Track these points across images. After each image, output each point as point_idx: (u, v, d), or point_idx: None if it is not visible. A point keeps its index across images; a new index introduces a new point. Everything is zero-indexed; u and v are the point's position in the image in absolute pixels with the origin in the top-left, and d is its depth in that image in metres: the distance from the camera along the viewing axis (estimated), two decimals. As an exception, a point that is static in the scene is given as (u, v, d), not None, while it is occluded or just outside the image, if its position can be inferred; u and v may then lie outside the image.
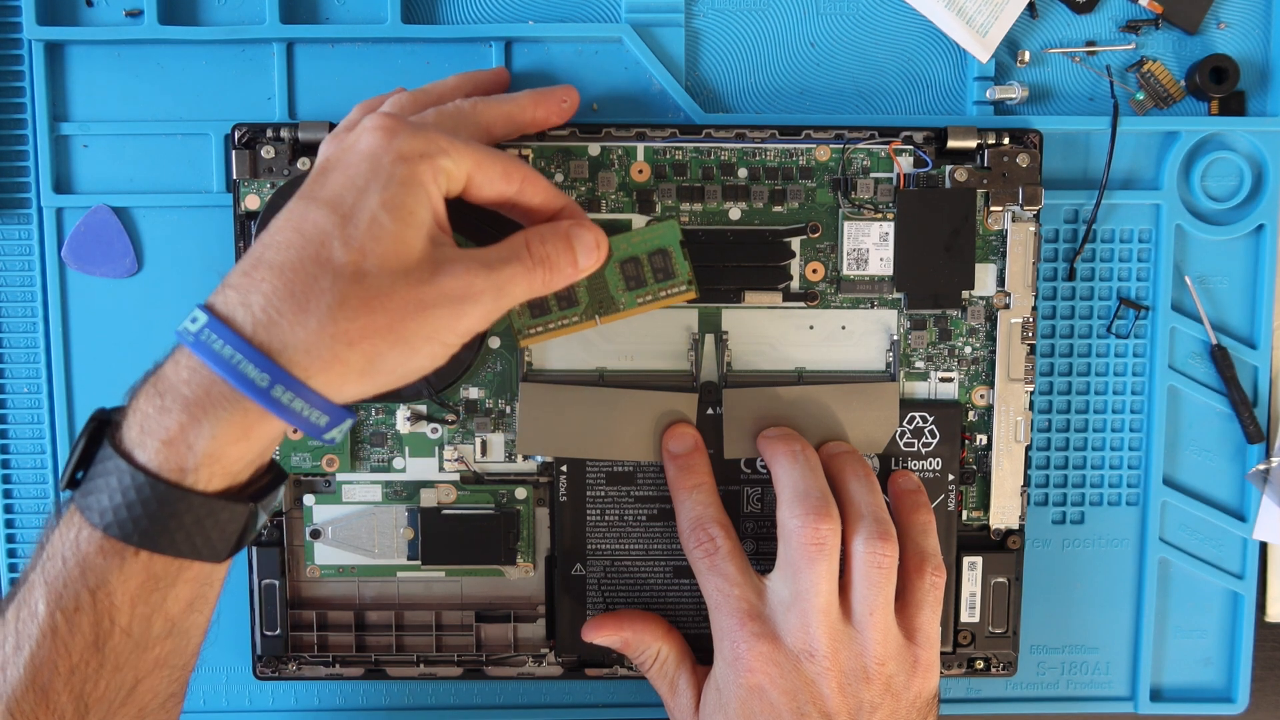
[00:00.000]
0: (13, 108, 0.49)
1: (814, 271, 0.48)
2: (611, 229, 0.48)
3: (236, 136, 0.47)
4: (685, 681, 0.46)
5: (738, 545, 0.44)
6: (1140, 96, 0.50)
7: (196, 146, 0.49)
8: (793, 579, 0.42)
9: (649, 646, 0.46)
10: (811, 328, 0.48)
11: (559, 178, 0.47)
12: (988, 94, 0.49)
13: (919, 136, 0.48)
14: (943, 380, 0.49)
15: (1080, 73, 0.50)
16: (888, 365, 0.48)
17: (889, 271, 0.48)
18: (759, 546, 0.48)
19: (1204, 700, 0.53)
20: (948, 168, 0.47)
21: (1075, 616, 0.52)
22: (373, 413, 0.48)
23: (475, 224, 0.44)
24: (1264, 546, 0.52)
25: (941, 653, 0.49)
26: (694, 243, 0.47)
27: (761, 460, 0.48)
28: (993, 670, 0.50)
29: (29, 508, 0.51)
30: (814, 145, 0.48)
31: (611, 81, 0.50)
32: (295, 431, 0.47)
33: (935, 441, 0.48)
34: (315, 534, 0.49)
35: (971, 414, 0.49)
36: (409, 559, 0.49)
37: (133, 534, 0.35)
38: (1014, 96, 0.49)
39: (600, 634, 0.47)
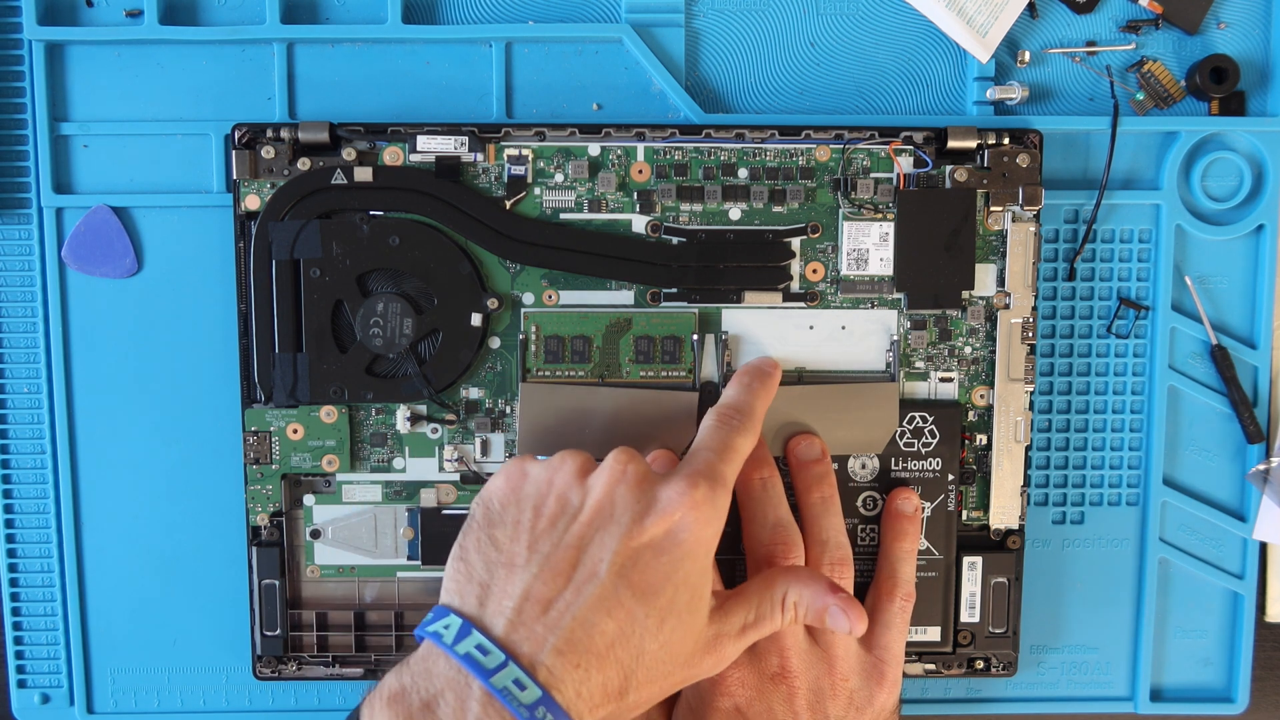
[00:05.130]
0: (13, 108, 0.49)
1: (814, 271, 0.48)
2: (613, 228, 0.48)
3: (236, 136, 0.47)
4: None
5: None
6: (1140, 96, 0.50)
7: (196, 146, 0.49)
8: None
9: None
10: (811, 328, 0.48)
11: (559, 178, 0.47)
12: (988, 94, 0.49)
13: (919, 136, 0.48)
14: (943, 380, 0.49)
15: (1080, 73, 0.50)
16: (888, 365, 0.48)
17: (889, 271, 0.48)
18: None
19: (1204, 700, 0.53)
20: (948, 168, 0.47)
21: (1075, 616, 0.52)
22: (372, 413, 0.48)
23: None
24: (1264, 546, 0.52)
25: (941, 653, 0.49)
26: (694, 242, 0.47)
27: None
28: (993, 670, 0.50)
29: (29, 508, 0.51)
30: (814, 145, 0.48)
31: (611, 81, 0.50)
32: (295, 431, 0.48)
33: (935, 441, 0.48)
34: (315, 534, 0.49)
35: (971, 414, 0.49)
36: (409, 559, 0.49)
37: None
38: (1014, 96, 0.49)
39: None
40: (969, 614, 0.49)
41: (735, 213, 0.48)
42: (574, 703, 0.36)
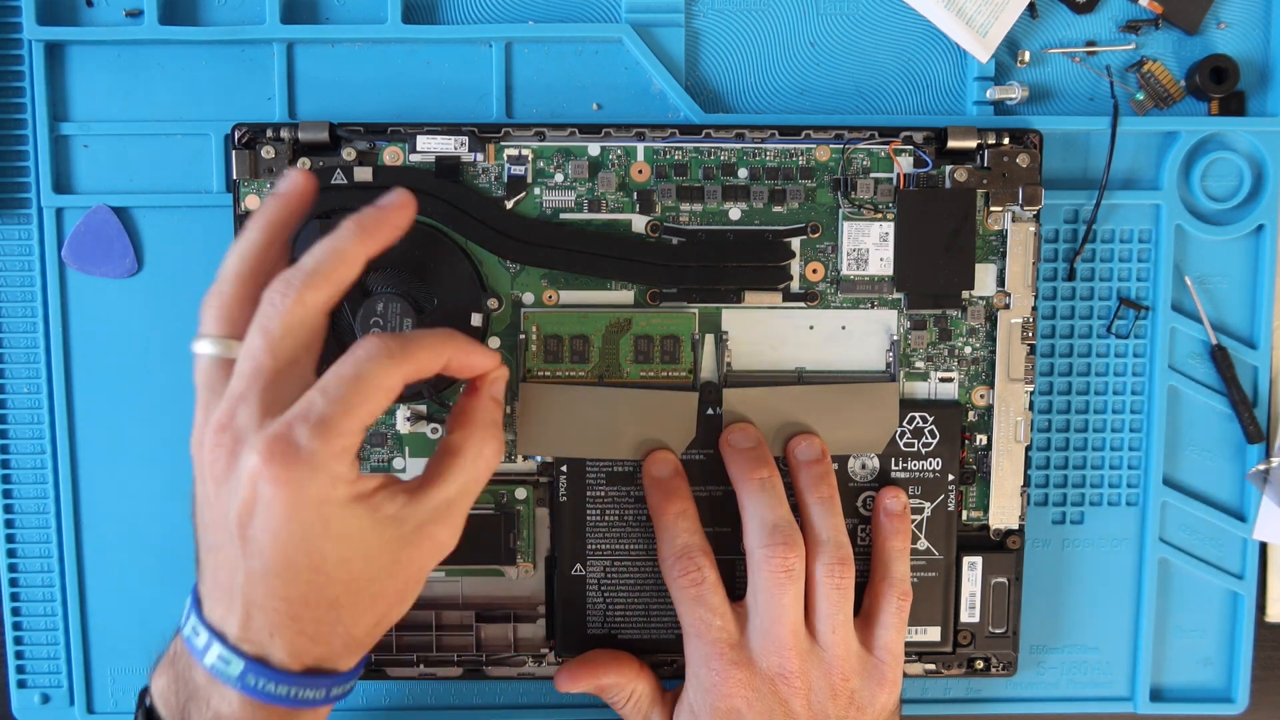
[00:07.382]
0: (13, 108, 0.49)
1: (814, 271, 0.48)
2: (613, 228, 0.48)
3: (236, 136, 0.47)
4: (658, 714, 0.47)
5: (719, 575, 0.45)
6: (1140, 96, 0.50)
7: (196, 146, 0.49)
8: (764, 606, 0.44)
9: (624, 689, 0.47)
10: (811, 328, 0.48)
11: (559, 178, 0.47)
12: (988, 94, 0.49)
13: (919, 136, 0.48)
14: (943, 380, 0.49)
15: (1080, 73, 0.50)
16: (888, 365, 0.48)
17: (889, 271, 0.48)
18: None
19: (1204, 700, 0.53)
20: (948, 168, 0.47)
21: (1075, 616, 0.52)
22: (373, 413, 0.48)
23: None
24: (1264, 546, 0.52)
25: (941, 653, 0.49)
26: (694, 242, 0.47)
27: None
28: (993, 670, 0.50)
29: (29, 508, 0.51)
30: (814, 145, 0.48)
31: (611, 81, 0.50)
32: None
33: (935, 441, 0.48)
34: (315, 534, 0.49)
35: (971, 414, 0.49)
36: (409, 559, 0.49)
37: None
38: (1014, 96, 0.49)
39: (577, 683, 0.47)
40: (969, 614, 0.49)
41: (735, 213, 0.48)
42: (230, 634, 0.37)
